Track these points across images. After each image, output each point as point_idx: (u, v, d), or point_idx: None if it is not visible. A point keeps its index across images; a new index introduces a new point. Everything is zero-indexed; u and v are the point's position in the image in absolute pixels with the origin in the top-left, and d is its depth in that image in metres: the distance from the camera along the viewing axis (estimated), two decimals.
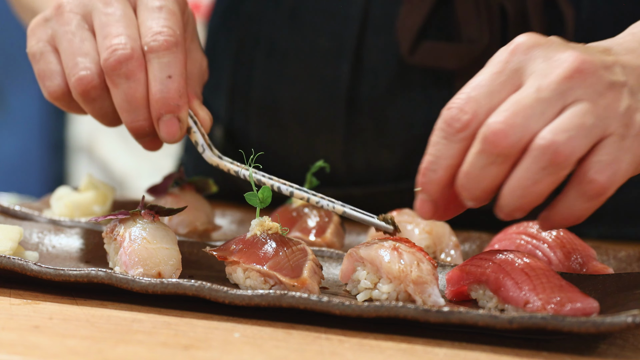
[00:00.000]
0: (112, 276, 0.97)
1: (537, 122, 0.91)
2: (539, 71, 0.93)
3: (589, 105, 0.92)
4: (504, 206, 0.93)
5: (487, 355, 0.87)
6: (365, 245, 1.00)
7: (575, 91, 0.92)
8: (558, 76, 0.92)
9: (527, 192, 0.91)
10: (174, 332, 0.89)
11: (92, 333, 0.88)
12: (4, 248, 1.04)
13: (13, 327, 0.89)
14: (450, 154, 0.94)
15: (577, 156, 0.91)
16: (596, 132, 0.91)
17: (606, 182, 0.91)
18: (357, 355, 0.86)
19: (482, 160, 0.92)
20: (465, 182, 0.93)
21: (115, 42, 1.10)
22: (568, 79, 0.92)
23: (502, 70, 0.95)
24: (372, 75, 1.45)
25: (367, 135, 1.47)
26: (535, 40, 0.96)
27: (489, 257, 0.97)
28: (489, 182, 0.93)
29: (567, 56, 0.93)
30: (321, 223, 1.18)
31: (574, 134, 0.90)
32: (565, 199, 0.93)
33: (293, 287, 0.96)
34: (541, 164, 0.90)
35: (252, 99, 1.55)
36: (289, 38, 1.50)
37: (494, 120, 0.91)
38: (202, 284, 0.94)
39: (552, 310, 0.89)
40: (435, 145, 0.95)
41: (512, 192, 0.92)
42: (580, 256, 1.08)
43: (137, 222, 1.03)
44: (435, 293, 0.95)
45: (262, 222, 1.01)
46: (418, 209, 0.98)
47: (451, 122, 0.94)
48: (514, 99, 0.92)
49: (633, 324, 0.86)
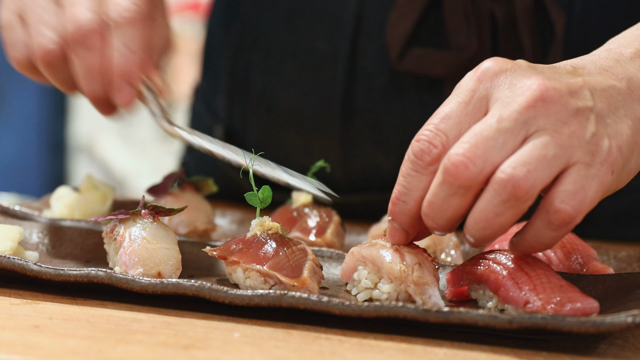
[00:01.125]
0: (112, 276, 0.97)
1: (497, 153, 0.91)
2: (502, 99, 0.93)
3: (551, 136, 0.91)
4: (470, 236, 0.94)
5: (487, 355, 0.87)
6: (367, 245, 1.00)
7: (538, 120, 0.91)
8: (520, 105, 0.92)
9: (490, 224, 0.91)
10: (174, 332, 0.89)
11: (92, 333, 0.88)
12: (4, 248, 1.04)
13: (13, 327, 0.89)
14: (420, 186, 0.95)
15: (538, 189, 0.90)
16: (559, 162, 0.91)
17: (572, 211, 0.91)
18: (357, 355, 0.86)
19: (444, 191, 0.92)
20: (429, 212, 0.94)
21: (80, 16, 1.16)
22: (530, 107, 0.91)
23: (469, 100, 0.95)
24: (366, 79, 1.45)
25: (363, 139, 1.47)
26: (501, 66, 0.95)
27: (489, 257, 0.97)
28: (452, 212, 0.93)
29: (531, 84, 0.93)
30: (321, 223, 1.18)
31: (534, 167, 0.90)
32: (532, 227, 0.93)
33: (293, 287, 0.96)
34: (502, 198, 0.90)
35: (250, 100, 1.55)
36: (286, 40, 1.50)
37: (454, 152, 0.91)
38: (202, 284, 0.94)
39: (552, 310, 0.89)
40: (406, 177, 0.96)
41: (476, 224, 0.92)
42: (581, 256, 1.08)
43: (137, 222, 1.03)
44: (436, 294, 0.95)
45: (262, 222, 1.01)
46: (390, 236, 0.98)
47: (421, 156, 0.95)
48: (476, 130, 0.92)
49: (633, 324, 0.86)
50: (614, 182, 0.95)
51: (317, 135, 1.48)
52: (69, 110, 4.25)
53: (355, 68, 1.45)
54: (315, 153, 1.49)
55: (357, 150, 1.48)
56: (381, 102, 1.45)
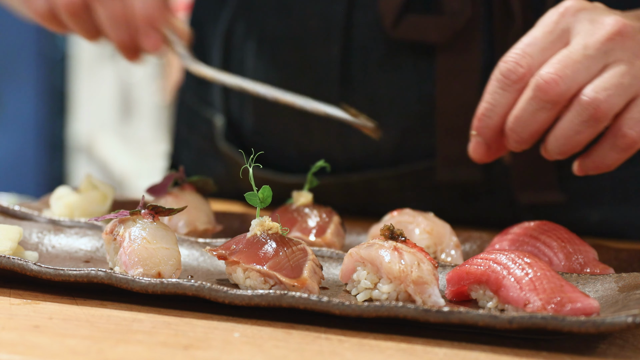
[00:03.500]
0: (112, 276, 0.97)
1: (583, 75, 1.03)
2: (585, 31, 1.05)
3: (627, 66, 1.04)
4: (549, 150, 1.07)
5: (487, 355, 0.87)
6: (366, 246, 1.00)
7: (616, 52, 1.04)
8: (602, 37, 1.04)
9: (569, 141, 1.05)
10: (174, 332, 0.89)
11: (92, 333, 0.88)
12: (4, 248, 1.04)
13: (13, 327, 0.89)
14: (505, 102, 1.07)
15: (614, 112, 1.03)
16: (631, 91, 1.04)
17: (637, 136, 1.04)
18: (357, 355, 0.86)
19: (532, 106, 1.05)
20: (515, 126, 1.06)
21: None
22: (610, 40, 1.05)
23: (552, 30, 1.07)
24: (362, 53, 1.45)
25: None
26: (582, 5, 1.08)
27: (489, 257, 0.97)
28: (537, 126, 1.05)
29: (610, 20, 1.05)
30: (321, 223, 1.18)
31: (612, 92, 1.03)
32: (599, 149, 1.06)
33: (293, 287, 0.96)
34: (583, 118, 1.03)
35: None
36: (279, 23, 1.50)
37: (546, 71, 1.04)
38: (202, 284, 0.94)
39: (552, 310, 0.89)
40: (492, 94, 1.08)
41: (556, 140, 1.05)
42: (581, 256, 1.08)
43: (137, 222, 1.03)
44: (436, 293, 0.95)
45: (262, 222, 1.01)
46: (472, 151, 1.11)
47: (508, 74, 1.07)
48: (564, 54, 1.04)
49: (633, 324, 0.86)
50: None
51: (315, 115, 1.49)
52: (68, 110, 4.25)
53: (350, 42, 1.45)
54: (314, 133, 1.49)
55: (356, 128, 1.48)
56: (378, 75, 1.45)
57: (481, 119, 1.09)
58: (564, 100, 1.04)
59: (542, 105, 1.04)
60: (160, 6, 1.25)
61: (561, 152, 1.07)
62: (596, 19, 1.07)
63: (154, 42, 1.27)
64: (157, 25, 1.26)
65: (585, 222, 1.44)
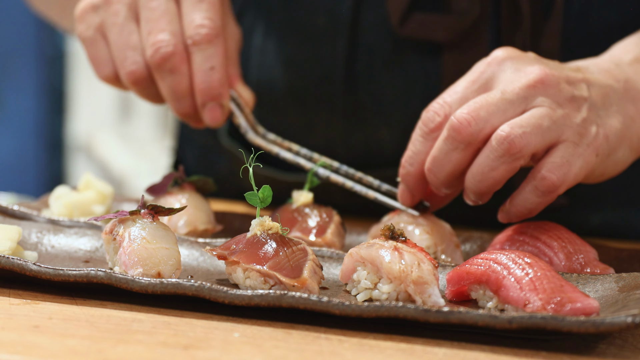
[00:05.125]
0: (112, 276, 0.97)
1: (498, 118, 1.05)
2: (507, 79, 1.08)
3: (547, 111, 1.05)
4: (467, 189, 1.08)
5: (487, 355, 0.87)
6: (366, 246, 1.00)
7: (537, 98, 1.06)
8: (522, 84, 1.06)
9: (485, 178, 1.05)
10: (174, 332, 0.89)
11: (91, 333, 0.88)
12: (3, 248, 1.04)
13: (13, 327, 0.89)
14: (424, 150, 1.10)
15: (530, 150, 1.04)
16: (551, 135, 1.05)
17: (557, 180, 1.05)
18: (357, 355, 0.86)
19: (447, 146, 1.06)
20: (432, 166, 1.08)
21: (159, 39, 1.22)
22: (531, 87, 1.06)
23: (476, 79, 1.10)
24: (367, 51, 1.45)
25: (365, 113, 1.47)
26: (510, 54, 1.10)
27: (489, 257, 0.97)
28: (452, 166, 1.07)
29: (534, 69, 1.07)
30: (321, 223, 1.18)
31: (529, 130, 1.03)
32: (521, 193, 1.07)
33: (293, 287, 0.96)
34: (498, 153, 1.04)
35: (250, 83, 1.55)
36: (285, 18, 1.50)
37: (460, 112, 1.06)
38: (202, 284, 0.94)
39: (552, 310, 0.89)
40: (414, 142, 1.12)
41: (473, 177, 1.06)
42: (582, 256, 1.08)
43: (136, 221, 1.03)
44: (436, 293, 0.95)
45: (263, 222, 1.01)
46: (399, 197, 1.15)
47: (427, 123, 1.10)
48: (482, 97, 1.06)
49: (633, 324, 0.86)
50: (599, 165, 1.09)
51: (318, 111, 1.49)
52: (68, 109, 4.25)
53: (357, 40, 1.45)
54: (317, 130, 1.49)
55: (360, 124, 1.48)
56: (383, 73, 1.45)
57: (404, 166, 1.12)
58: (478, 140, 1.05)
59: (455, 145, 1.06)
60: (221, 80, 1.24)
61: (479, 191, 1.07)
62: (520, 68, 1.08)
63: (215, 117, 1.26)
64: (219, 99, 1.25)
65: (587, 225, 1.44)
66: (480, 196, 1.08)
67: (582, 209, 1.45)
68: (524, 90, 1.06)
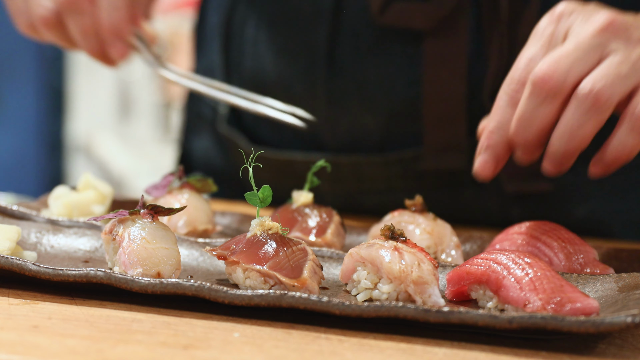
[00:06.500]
0: (111, 276, 0.96)
1: (578, 68, 1.04)
2: (577, 30, 1.07)
3: (623, 56, 1.05)
4: (554, 152, 1.06)
5: (487, 355, 0.87)
6: (366, 246, 1.00)
7: (611, 44, 1.06)
8: (594, 29, 1.06)
9: (574, 136, 1.04)
10: (174, 332, 0.89)
11: (91, 333, 0.88)
12: (2, 248, 1.04)
13: (12, 327, 0.89)
14: (510, 117, 1.07)
15: (615, 100, 1.04)
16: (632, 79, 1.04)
17: None
18: (357, 355, 0.86)
19: (532, 102, 1.05)
20: (518, 126, 1.06)
21: None
22: (603, 32, 1.06)
23: (547, 38, 1.09)
24: (350, 38, 1.46)
25: (349, 99, 1.48)
26: (572, 7, 1.10)
27: (489, 257, 0.97)
28: (539, 123, 1.05)
29: (601, 16, 1.07)
30: (321, 223, 1.18)
31: (611, 80, 1.03)
32: (616, 136, 1.05)
33: (293, 287, 0.96)
34: (584, 108, 1.03)
35: (245, 74, 1.56)
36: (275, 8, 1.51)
37: (539, 67, 1.05)
38: (201, 284, 0.94)
39: (552, 310, 0.89)
40: (497, 112, 1.09)
41: (561, 137, 1.04)
42: (582, 256, 1.08)
43: (136, 221, 1.03)
44: (436, 293, 0.95)
45: (262, 222, 1.01)
46: (480, 168, 1.10)
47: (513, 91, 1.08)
48: (557, 51, 1.06)
49: (632, 324, 0.86)
50: None
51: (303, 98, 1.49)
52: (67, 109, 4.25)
53: (339, 27, 1.46)
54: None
55: (344, 110, 1.49)
56: (366, 60, 1.46)
57: (490, 136, 1.09)
58: (563, 92, 1.04)
59: (541, 99, 1.05)
60: (124, 17, 1.36)
61: (567, 151, 1.05)
62: (587, 18, 1.08)
63: (119, 51, 1.38)
64: (123, 35, 1.37)
65: (572, 216, 1.44)
66: (567, 158, 1.06)
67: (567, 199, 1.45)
68: (597, 36, 1.06)
